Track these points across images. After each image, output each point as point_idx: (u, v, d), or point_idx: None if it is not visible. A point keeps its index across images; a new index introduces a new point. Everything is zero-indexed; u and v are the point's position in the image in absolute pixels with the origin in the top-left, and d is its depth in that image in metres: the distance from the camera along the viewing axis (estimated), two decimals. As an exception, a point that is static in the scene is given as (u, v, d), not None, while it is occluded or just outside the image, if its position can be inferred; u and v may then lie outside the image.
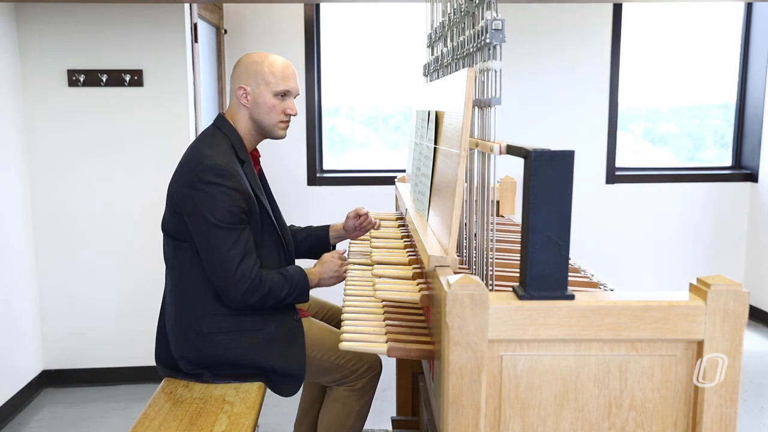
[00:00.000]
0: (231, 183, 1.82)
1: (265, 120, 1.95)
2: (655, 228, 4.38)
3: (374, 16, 4.29)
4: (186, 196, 1.85)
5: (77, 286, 3.33)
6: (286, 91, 1.93)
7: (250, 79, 1.93)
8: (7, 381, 3.05)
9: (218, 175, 1.81)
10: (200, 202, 1.82)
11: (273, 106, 1.93)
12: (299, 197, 4.15)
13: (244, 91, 1.93)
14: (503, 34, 1.32)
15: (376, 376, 2.04)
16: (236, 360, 1.91)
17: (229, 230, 1.81)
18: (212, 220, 1.80)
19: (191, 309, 1.91)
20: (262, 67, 1.92)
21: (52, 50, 3.18)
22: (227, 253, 1.81)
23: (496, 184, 2.31)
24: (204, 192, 1.81)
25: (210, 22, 3.71)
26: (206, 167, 1.82)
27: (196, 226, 1.84)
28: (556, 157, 1.07)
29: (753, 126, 4.37)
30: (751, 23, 4.36)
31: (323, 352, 1.97)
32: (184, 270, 1.93)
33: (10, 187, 3.10)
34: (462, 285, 1.07)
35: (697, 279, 1.11)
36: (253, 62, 1.94)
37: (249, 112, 1.95)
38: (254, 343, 1.91)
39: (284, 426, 2.93)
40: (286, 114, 1.95)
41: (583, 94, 4.23)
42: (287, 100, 1.95)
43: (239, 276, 1.81)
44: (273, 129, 1.96)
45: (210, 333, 1.90)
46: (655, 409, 1.11)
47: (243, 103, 1.94)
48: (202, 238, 1.84)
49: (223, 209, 1.80)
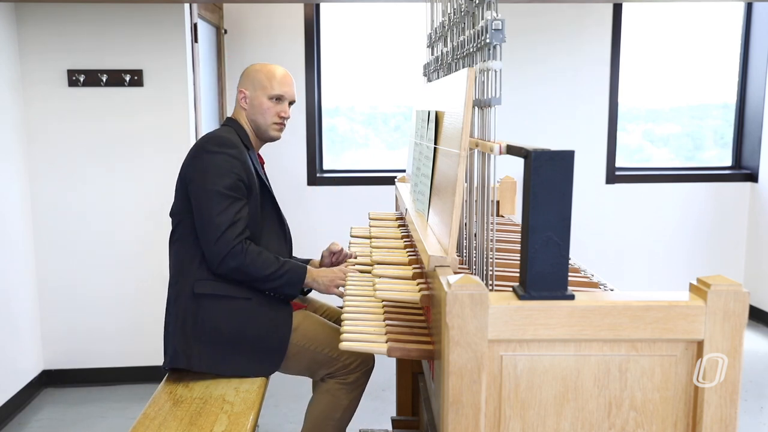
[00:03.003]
0: (233, 152, 1.96)
1: (260, 120, 2.11)
2: (655, 228, 4.38)
3: (374, 16, 4.29)
4: (189, 165, 2.00)
5: (77, 287, 3.33)
6: (280, 95, 2.09)
7: (249, 83, 2.11)
8: (7, 381, 3.05)
9: (221, 144, 1.97)
10: (201, 168, 1.96)
11: (267, 108, 2.09)
12: (299, 197, 4.14)
13: (243, 94, 2.11)
14: (503, 34, 1.32)
15: (367, 372, 2.08)
16: (222, 326, 1.96)
17: (224, 196, 1.92)
18: (211, 183, 1.92)
19: (187, 272, 2.00)
20: (260, 74, 2.10)
21: (52, 50, 3.18)
22: (217, 216, 1.91)
23: (496, 184, 2.31)
24: (205, 159, 1.96)
25: (210, 22, 3.71)
26: (210, 138, 2.00)
27: (195, 189, 1.96)
28: (556, 157, 1.06)
29: (753, 126, 4.37)
30: (751, 23, 4.37)
31: (316, 344, 2.02)
32: (183, 239, 2.02)
33: (10, 186, 3.10)
34: (462, 285, 1.07)
35: (697, 279, 1.10)
36: (254, 70, 2.12)
37: (247, 114, 2.12)
38: (242, 309, 1.98)
39: (284, 426, 2.93)
40: (280, 117, 2.10)
41: (583, 94, 4.23)
42: (281, 104, 2.11)
43: (223, 241, 1.90)
44: (267, 129, 2.12)
45: (201, 295, 1.97)
46: (655, 409, 1.11)
47: (242, 106, 2.13)
48: (198, 201, 1.95)
49: (222, 174, 1.93)
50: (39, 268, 3.30)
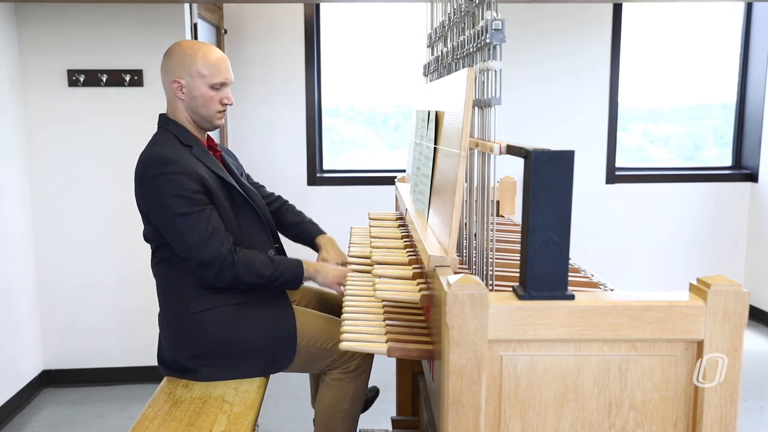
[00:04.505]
0: (172, 168, 1.84)
1: (202, 111, 1.97)
2: (655, 228, 4.38)
3: (374, 16, 4.29)
4: (138, 196, 1.92)
5: (77, 287, 3.33)
6: (222, 82, 1.96)
7: (183, 72, 1.94)
8: (7, 381, 3.05)
9: (156, 164, 1.85)
10: (151, 196, 1.87)
11: (210, 98, 1.95)
12: (299, 197, 4.14)
13: (178, 84, 1.94)
14: (503, 34, 1.32)
15: (368, 357, 2.03)
16: (228, 337, 1.92)
17: (186, 216, 1.83)
18: (166, 210, 1.84)
19: (178, 295, 1.95)
20: (194, 60, 1.93)
21: (52, 50, 3.18)
22: (191, 237, 1.83)
23: (496, 184, 2.31)
24: (150, 186, 1.86)
25: (210, 22, 3.71)
26: (145, 162, 1.88)
27: (156, 219, 1.88)
28: (556, 157, 1.07)
29: (753, 126, 4.37)
30: (751, 23, 4.36)
31: (308, 339, 1.98)
32: (165, 261, 1.97)
33: (10, 186, 3.10)
34: (462, 285, 1.07)
35: (697, 279, 1.10)
36: (186, 55, 1.94)
37: (185, 105, 1.97)
38: (242, 314, 1.94)
39: (284, 426, 2.93)
40: (223, 104, 1.98)
41: (583, 94, 4.23)
42: (223, 90, 1.98)
43: (208, 258, 1.84)
44: (211, 119, 1.99)
45: (198, 312, 1.92)
46: (655, 409, 1.11)
47: (179, 96, 1.96)
48: (166, 230, 1.88)
49: (173, 196, 1.83)
50: (39, 267, 3.30)
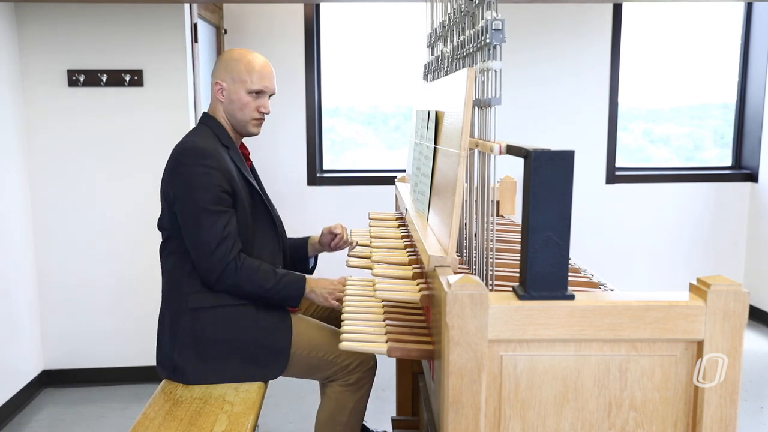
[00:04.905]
0: (209, 162, 1.86)
1: (238, 116, 1.98)
2: (655, 228, 4.38)
3: (374, 16, 4.29)
4: (168, 181, 1.91)
5: (77, 287, 3.33)
6: (260, 90, 1.96)
7: (227, 75, 1.97)
8: (7, 381, 3.05)
9: (196, 155, 1.87)
10: (180, 184, 1.87)
11: (246, 103, 1.96)
12: (299, 197, 4.14)
13: (220, 86, 1.98)
14: (503, 34, 1.32)
15: (370, 371, 2.02)
16: (222, 339, 1.91)
17: (209, 212, 1.84)
18: (193, 201, 1.85)
19: (179, 288, 1.95)
20: (239, 65, 1.96)
21: (52, 50, 3.18)
22: (206, 234, 1.84)
23: (496, 184, 2.31)
24: (184, 174, 1.87)
25: (210, 22, 3.71)
26: (184, 150, 1.90)
27: (180, 207, 1.89)
28: (556, 157, 1.07)
29: (753, 126, 4.37)
30: (751, 23, 4.37)
31: (309, 350, 1.97)
32: (174, 252, 1.97)
33: (10, 186, 3.09)
34: (462, 285, 1.07)
35: (697, 279, 1.10)
36: (232, 59, 1.97)
37: (224, 108, 2.00)
38: (239, 317, 1.93)
39: (284, 426, 2.93)
40: (260, 112, 1.99)
41: (583, 94, 4.23)
42: (261, 98, 1.98)
43: (215, 259, 1.85)
44: (246, 125, 2.00)
45: (196, 309, 1.92)
46: (655, 409, 1.11)
47: (218, 98, 1.99)
48: (186, 219, 1.88)
49: (204, 189, 1.84)
50: (39, 268, 3.30)
